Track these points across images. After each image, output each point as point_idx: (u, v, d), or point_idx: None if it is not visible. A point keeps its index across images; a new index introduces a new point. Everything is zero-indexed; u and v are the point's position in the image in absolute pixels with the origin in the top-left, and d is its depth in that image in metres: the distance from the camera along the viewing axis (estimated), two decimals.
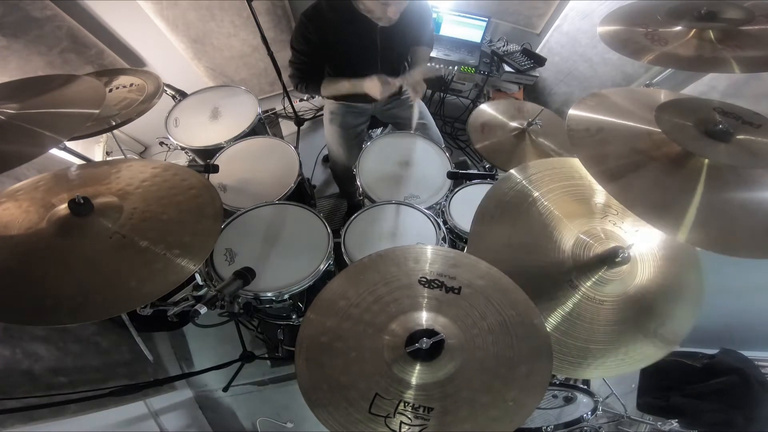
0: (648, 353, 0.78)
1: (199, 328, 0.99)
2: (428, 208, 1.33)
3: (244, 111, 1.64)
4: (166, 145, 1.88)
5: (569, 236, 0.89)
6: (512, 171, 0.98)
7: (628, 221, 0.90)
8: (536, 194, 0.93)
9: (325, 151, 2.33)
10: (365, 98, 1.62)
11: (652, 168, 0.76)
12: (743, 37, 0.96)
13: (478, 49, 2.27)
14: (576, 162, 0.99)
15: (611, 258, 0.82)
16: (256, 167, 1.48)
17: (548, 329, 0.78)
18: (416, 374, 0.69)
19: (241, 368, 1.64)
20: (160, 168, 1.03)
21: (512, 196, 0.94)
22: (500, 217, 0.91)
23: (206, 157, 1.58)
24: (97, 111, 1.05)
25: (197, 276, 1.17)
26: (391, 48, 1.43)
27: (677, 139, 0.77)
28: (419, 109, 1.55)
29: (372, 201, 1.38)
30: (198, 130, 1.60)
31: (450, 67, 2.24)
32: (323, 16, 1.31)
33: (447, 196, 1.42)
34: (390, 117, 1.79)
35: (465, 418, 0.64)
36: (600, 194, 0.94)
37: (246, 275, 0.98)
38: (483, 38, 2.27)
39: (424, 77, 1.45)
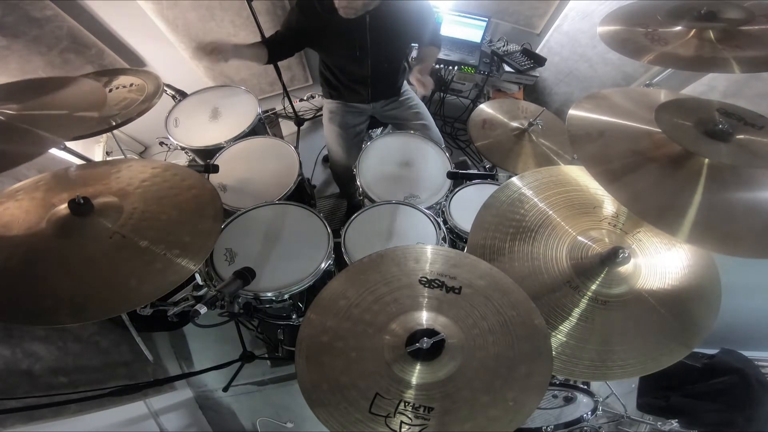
0: (668, 353, 0.77)
1: (199, 328, 0.99)
2: (428, 208, 1.33)
3: (244, 111, 1.64)
4: (166, 145, 1.88)
5: (572, 242, 0.89)
6: (513, 179, 0.99)
7: (636, 228, 0.91)
8: (535, 200, 0.94)
9: (325, 152, 2.33)
10: (362, 98, 1.63)
11: (653, 168, 0.76)
12: (743, 37, 0.96)
13: (478, 49, 2.27)
14: (575, 170, 1.00)
15: (611, 258, 0.82)
16: (256, 167, 1.48)
17: (562, 337, 0.78)
18: (416, 374, 0.69)
19: (241, 368, 1.64)
20: (160, 168, 1.03)
21: (509, 204, 0.94)
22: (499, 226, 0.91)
23: (206, 157, 1.58)
24: (96, 114, 1.05)
25: (197, 276, 1.18)
26: (383, 45, 1.43)
27: (677, 139, 0.77)
28: (419, 113, 1.54)
29: (372, 201, 1.38)
30: (198, 130, 1.60)
31: (450, 67, 2.24)
32: (313, 5, 1.33)
33: (447, 196, 1.42)
34: (390, 117, 1.79)
35: (465, 418, 0.64)
36: (607, 203, 0.94)
37: (246, 275, 0.98)
38: (483, 38, 2.27)
39: (425, 73, 1.44)
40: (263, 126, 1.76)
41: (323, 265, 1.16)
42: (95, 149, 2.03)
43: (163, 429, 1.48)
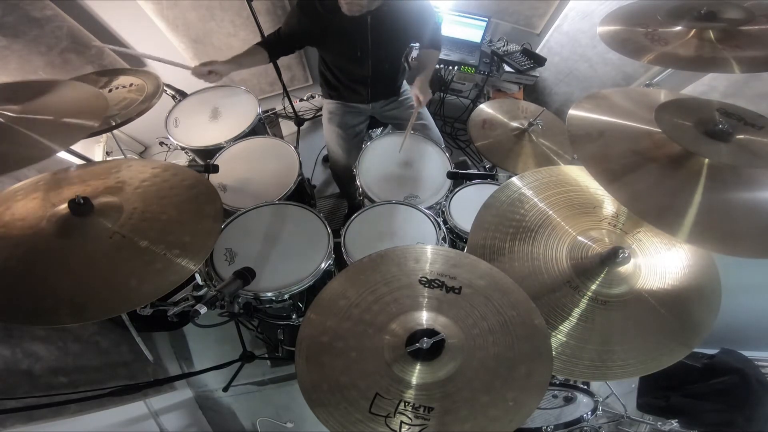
0: (668, 353, 0.77)
1: (199, 328, 0.99)
2: (428, 208, 1.33)
3: (244, 111, 1.64)
4: (166, 145, 1.88)
5: (572, 242, 0.89)
6: (513, 179, 0.99)
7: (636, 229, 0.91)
8: (535, 200, 0.94)
9: (325, 152, 2.33)
10: (362, 98, 1.63)
11: (653, 168, 0.76)
12: (743, 37, 0.96)
13: (478, 49, 2.27)
14: (575, 170, 1.00)
15: (611, 258, 0.82)
16: (256, 167, 1.48)
17: (562, 337, 0.78)
18: (416, 374, 0.69)
19: (241, 368, 1.64)
20: (160, 168, 1.03)
21: (509, 203, 0.94)
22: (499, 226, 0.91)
23: (206, 157, 1.58)
24: (96, 124, 1.04)
25: (197, 276, 1.17)
26: (383, 45, 1.43)
27: (677, 139, 0.77)
28: (419, 113, 1.54)
29: (372, 201, 1.38)
30: (198, 130, 1.60)
31: (450, 67, 2.24)
32: (314, 5, 1.33)
33: (447, 196, 1.42)
34: (389, 117, 1.79)
35: (465, 418, 0.64)
36: (607, 203, 0.94)
37: (246, 275, 0.98)
38: (483, 38, 2.27)
39: (425, 82, 1.45)
40: (263, 126, 1.76)
41: (323, 265, 1.16)
42: (95, 149, 2.03)
43: (163, 429, 1.48)
